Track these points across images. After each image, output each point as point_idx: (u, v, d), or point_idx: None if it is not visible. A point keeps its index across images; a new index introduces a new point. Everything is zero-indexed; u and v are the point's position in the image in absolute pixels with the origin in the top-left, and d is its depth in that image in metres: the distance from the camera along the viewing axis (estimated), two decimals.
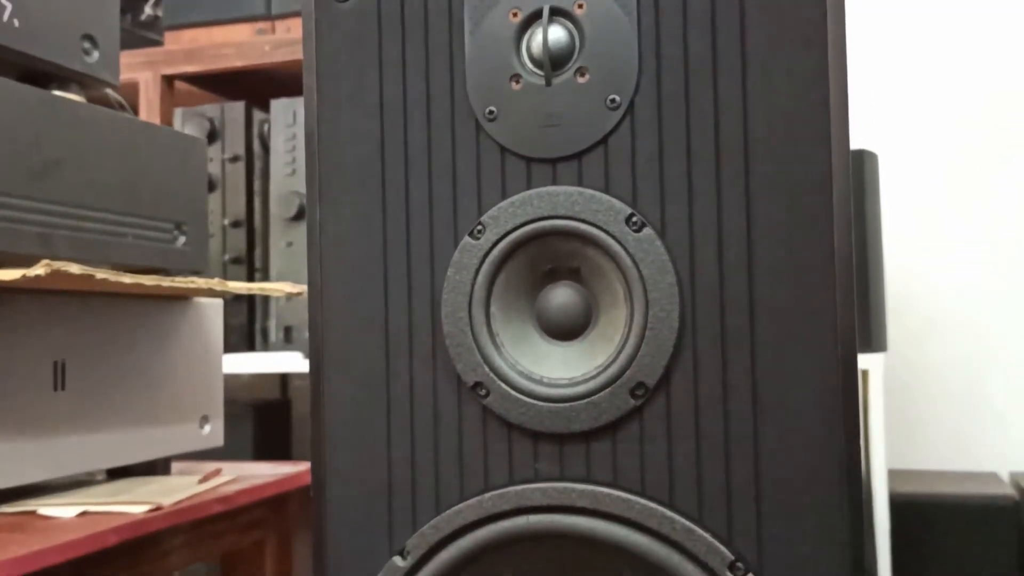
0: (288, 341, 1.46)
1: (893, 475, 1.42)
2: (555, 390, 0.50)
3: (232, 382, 1.74)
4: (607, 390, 0.49)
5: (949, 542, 1.31)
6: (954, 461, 1.52)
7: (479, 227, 0.51)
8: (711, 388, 0.48)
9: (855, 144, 1.20)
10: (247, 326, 1.49)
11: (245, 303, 1.48)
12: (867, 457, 1.31)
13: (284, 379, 1.76)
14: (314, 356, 0.54)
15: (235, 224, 1.49)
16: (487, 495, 0.51)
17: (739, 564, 0.47)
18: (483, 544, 0.51)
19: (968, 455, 1.51)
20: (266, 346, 1.48)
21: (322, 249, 0.54)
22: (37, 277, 0.63)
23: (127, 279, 0.68)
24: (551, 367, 0.51)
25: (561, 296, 0.51)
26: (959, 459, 1.52)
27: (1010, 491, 1.31)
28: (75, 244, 0.78)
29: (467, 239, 0.51)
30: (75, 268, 0.64)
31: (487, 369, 0.51)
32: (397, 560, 0.52)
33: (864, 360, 1.26)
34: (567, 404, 0.50)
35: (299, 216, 1.43)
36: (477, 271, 0.51)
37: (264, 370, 1.43)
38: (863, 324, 1.27)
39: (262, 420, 1.56)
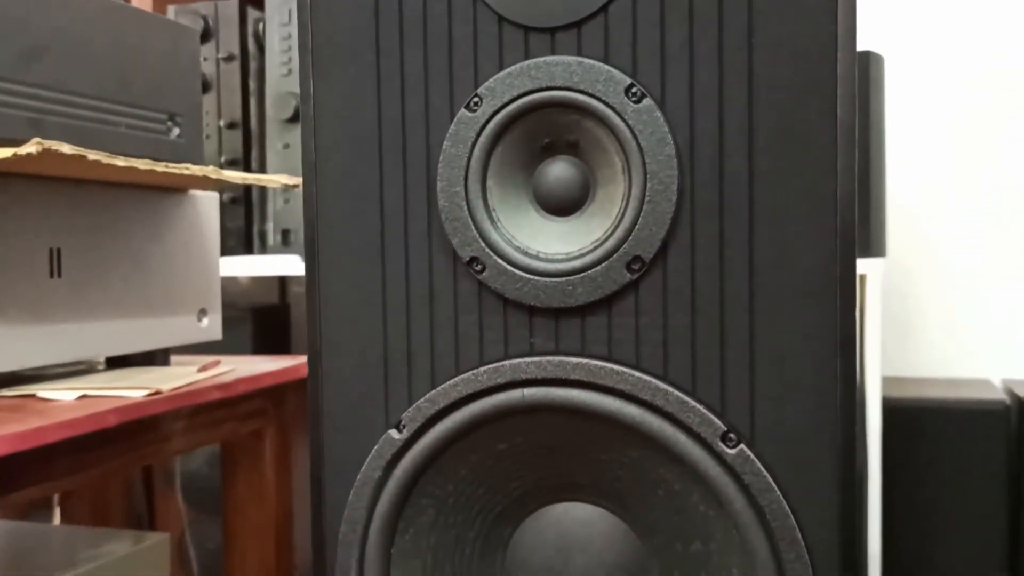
0: (286, 244, 1.46)
1: (887, 381, 1.43)
2: (551, 265, 0.50)
3: (231, 287, 1.74)
4: (603, 264, 0.49)
5: (939, 446, 1.32)
6: (948, 369, 1.54)
7: (475, 99, 0.50)
8: (708, 262, 0.48)
9: (862, 47, 1.18)
10: (244, 229, 1.48)
11: (242, 206, 1.47)
12: (861, 362, 1.32)
13: (283, 284, 1.76)
14: (309, 231, 0.54)
15: (231, 126, 1.47)
16: (482, 369, 0.51)
17: (731, 435, 0.47)
18: (478, 417, 0.51)
19: (962, 363, 1.53)
20: (264, 249, 1.48)
21: (315, 122, 0.53)
22: (29, 156, 0.62)
23: (120, 162, 0.67)
24: (547, 242, 0.51)
25: (558, 170, 0.51)
26: (953, 367, 1.53)
27: (1001, 396, 1.33)
28: (67, 131, 0.77)
29: (463, 111, 0.50)
30: (67, 148, 0.63)
31: (483, 244, 0.51)
32: (393, 433, 0.52)
33: (863, 265, 1.26)
34: (563, 279, 0.49)
35: (295, 118, 1.41)
36: (473, 145, 0.50)
37: (262, 273, 1.43)
38: (863, 229, 1.26)
39: (261, 324, 1.56)
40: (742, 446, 0.47)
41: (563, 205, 0.51)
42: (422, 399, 0.52)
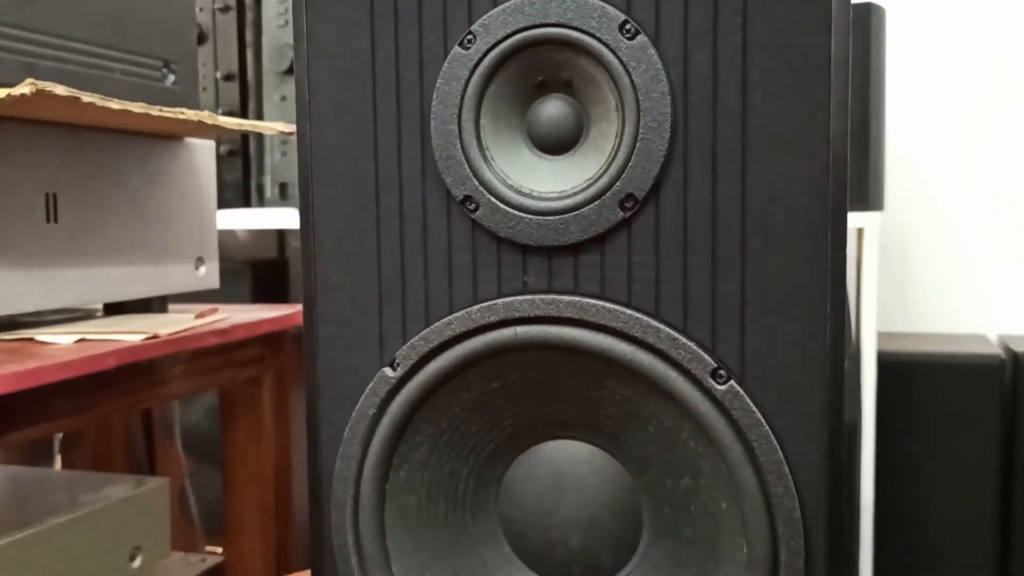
0: (283, 197, 1.46)
1: (882, 336, 1.44)
2: (544, 203, 0.50)
3: (229, 242, 1.75)
4: (596, 202, 0.49)
5: (934, 400, 1.33)
6: (945, 325, 1.54)
7: (469, 36, 0.50)
8: (700, 199, 0.48)
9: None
10: (242, 182, 1.48)
11: (240, 159, 1.47)
12: (858, 316, 1.33)
13: (281, 239, 1.76)
14: (303, 171, 0.54)
15: (227, 77, 1.46)
16: (476, 307, 0.51)
17: (721, 372, 0.48)
18: (471, 355, 0.51)
19: (959, 319, 1.53)
20: (262, 203, 1.48)
21: (308, 60, 0.53)
22: (23, 97, 0.62)
23: (114, 104, 0.67)
24: (541, 181, 0.51)
25: (552, 108, 0.51)
26: (950, 323, 1.54)
27: (996, 351, 1.33)
28: (61, 76, 0.77)
29: (457, 49, 0.50)
30: (61, 90, 0.63)
31: (476, 183, 0.51)
32: (387, 371, 0.53)
33: (860, 218, 1.26)
34: (556, 217, 0.50)
35: (293, 70, 1.40)
36: (467, 82, 0.50)
37: (260, 226, 1.43)
38: (861, 182, 1.26)
39: (259, 278, 1.57)
40: (732, 382, 0.48)
41: (557, 144, 0.51)
42: (416, 337, 0.52)
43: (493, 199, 0.50)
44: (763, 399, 0.48)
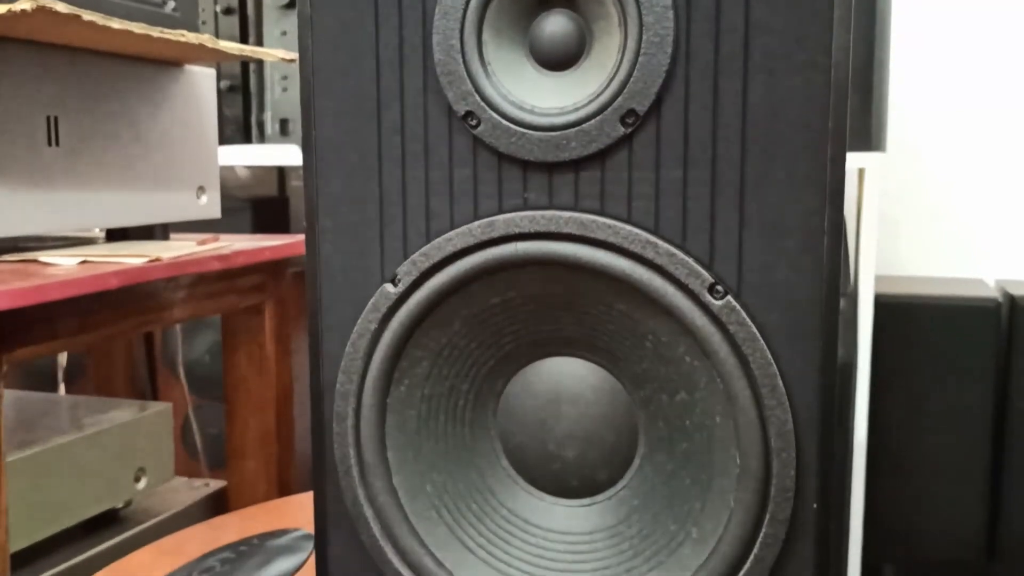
0: (284, 134, 1.45)
1: (880, 279, 1.45)
2: (546, 119, 0.50)
3: (230, 179, 1.74)
4: (597, 118, 0.49)
5: (930, 342, 1.34)
6: (943, 270, 1.55)
7: None
8: (701, 115, 0.48)
9: None
10: (243, 118, 1.48)
11: (240, 94, 1.46)
12: (856, 256, 1.33)
13: (282, 176, 1.76)
14: (305, 86, 0.54)
15: (227, 11, 1.45)
16: (476, 223, 0.52)
17: (718, 287, 0.48)
18: (472, 270, 0.52)
19: (958, 264, 1.54)
20: (262, 139, 1.48)
21: None
22: (23, 13, 0.61)
23: (115, 24, 0.67)
24: (543, 96, 0.51)
25: (554, 23, 0.50)
26: (948, 268, 1.54)
27: (993, 294, 1.34)
28: None
29: None
30: (61, 7, 0.63)
31: (478, 98, 0.51)
32: (388, 287, 0.54)
33: (862, 159, 1.26)
34: (557, 133, 0.50)
35: (293, 3, 1.39)
36: None
37: (260, 163, 1.43)
38: (863, 122, 1.25)
39: (260, 216, 1.57)
40: (729, 297, 0.48)
41: (559, 59, 0.51)
42: (416, 253, 0.53)
43: (494, 115, 0.51)
44: (759, 315, 0.48)
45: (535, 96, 0.51)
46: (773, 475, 0.48)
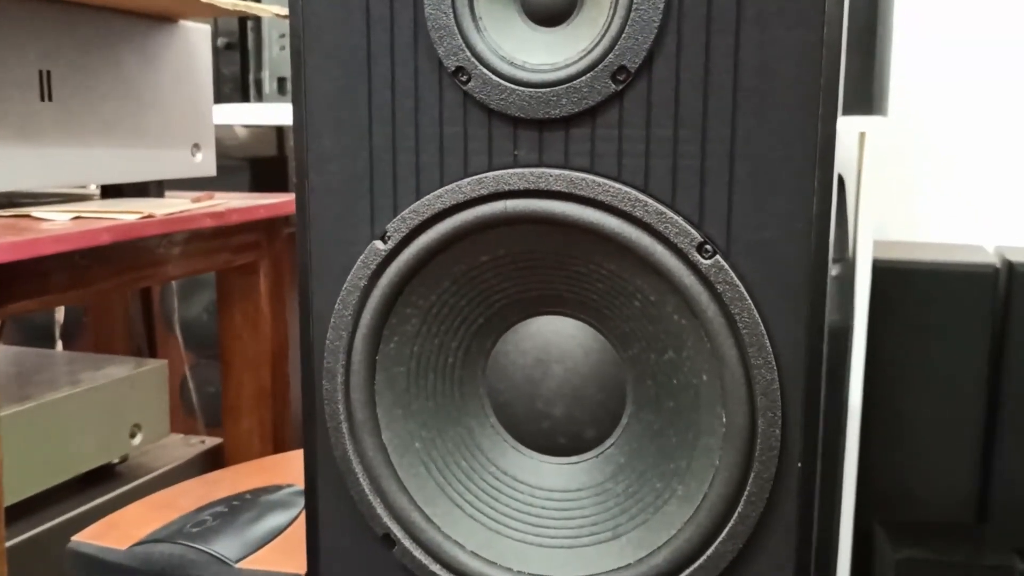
0: (282, 92, 1.44)
1: (879, 245, 1.44)
2: (536, 75, 0.50)
3: (227, 139, 1.73)
4: (588, 75, 0.49)
5: (927, 307, 1.34)
6: (943, 236, 1.54)
7: None
8: (693, 72, 0.47)
9: None
10: (240, 76, 1.46)
11: (237, 52, 1.45)
12: (855, 221, 1.33)
13: (280, 135, 1.75)
14: (295, 40, 0.53)
15: None
16: (466, 180, 0.51)
17: (707, 246, 0.48)
18: (461, 228, 0.52)
19: (957, 230, 1.53)
20: (260, 98, 1.46)
21: None
22: None
23: None
24: (534, 52, 0.50)
25: None
26: (948, 234, 1.54)
27: (992, 260, 1.34)
28: None
29: None
30: None
31: (468, 54, 0.50)
32: (378, 244, 0.53)
33: (863, 123, 1.25)
34: (548, 89, 0.49)
35: None
36: None
37: (258, 122, 1.41)
38: (864, 86, 1.24)
39: (257, 176, 1.56)
40: (717, 256, 0.48)
41: (550, 15, 0.50)
42: (406, 210, 0.53)
43: (485, 70, 0.50)
44: (747, 274, 0.48)
45: (526, 52, 0.50)
46: (758, 433, 0.49)
